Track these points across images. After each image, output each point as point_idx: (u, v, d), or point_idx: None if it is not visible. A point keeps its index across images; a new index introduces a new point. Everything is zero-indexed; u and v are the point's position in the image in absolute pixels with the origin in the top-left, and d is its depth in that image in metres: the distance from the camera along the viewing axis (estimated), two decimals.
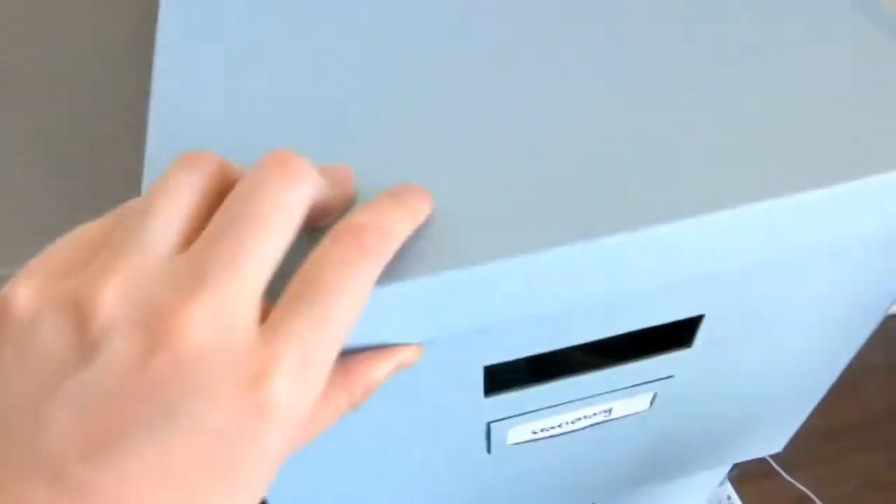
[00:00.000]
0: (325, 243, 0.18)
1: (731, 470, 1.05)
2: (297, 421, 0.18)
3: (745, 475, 1.13)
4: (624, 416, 0.34)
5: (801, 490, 1.14)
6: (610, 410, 0.33)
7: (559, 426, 0.33)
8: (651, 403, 0.33)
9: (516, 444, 0.33)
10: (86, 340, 0.17)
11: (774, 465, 1.16)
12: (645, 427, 0.36)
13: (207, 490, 0.17)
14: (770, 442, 0.44)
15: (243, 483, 0.17)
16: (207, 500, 0.17)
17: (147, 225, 0.18)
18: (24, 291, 0.17)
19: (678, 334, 0.30)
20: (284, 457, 0.18)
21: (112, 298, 0.17)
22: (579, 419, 0.33)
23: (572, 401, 0.31)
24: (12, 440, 0.16)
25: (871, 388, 1.25)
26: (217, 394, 0.16)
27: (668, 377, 0.32)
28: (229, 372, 0.17)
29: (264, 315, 0.18)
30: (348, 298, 0.18)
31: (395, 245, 0.20)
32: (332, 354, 0.18)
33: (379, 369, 0.23)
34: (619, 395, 0.32)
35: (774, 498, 1.13)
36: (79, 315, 0.17)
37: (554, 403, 0.31)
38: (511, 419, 0.31)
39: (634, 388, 0.32)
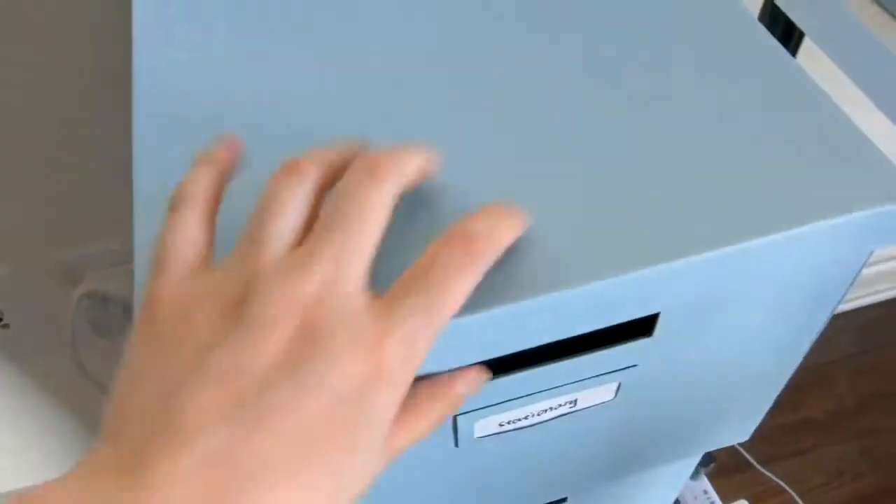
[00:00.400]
0: (442, 243, 0.22)
1: (707, 464, 1.07)
2: (402, 386, 0.21)
3: (721, 469, 1.15)
4: (590, 407, 0.34)
5: (776, 482, 1.15)
6: (575, 401, 0.33)
7: (525, 418, 0.33)
8: (616, 393, 0.34)
9: (484, 436, 0.34)
10: (226, 324, 0.20)
11: (749, 458, 1.17)
12: (612, 418, 0.37)
13: (334, 447, 0.19)
14: (737, 431, 0.45)
15: (363, 443, 0.20)
16: (333, 458, 0.19)
17: (269, 229, 0.22)
18: (170, 290, 0.21)
19: (639, 324, 0.30)
20: (391, 421, 0.21)
21: (247, 288, 0.20)
22: (545, 411, 0.33)
23: (538, 392, 0.32)
24: (161, 415, 0.19)
25: (843, 380, 1.27)
26: (338, 358, 0.20)
27: (631, 366, 0.32)
28: (348, 339, 0.20)
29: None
30: (453, 292, 0.21)
31: (497, 254, 0.23)
32: (433, 337, 0.21)
33: (463, 387, 0.26)
34: (584, 385, 0.32)
35: (750, 490, 1.15)
36: (224, 303, 0.20)
37: (519, 395, 0.31)
38: (477, 412, 0.31)
39: (599, 377, 0.32)
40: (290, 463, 0.19)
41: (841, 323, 1.32)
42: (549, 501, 0.49)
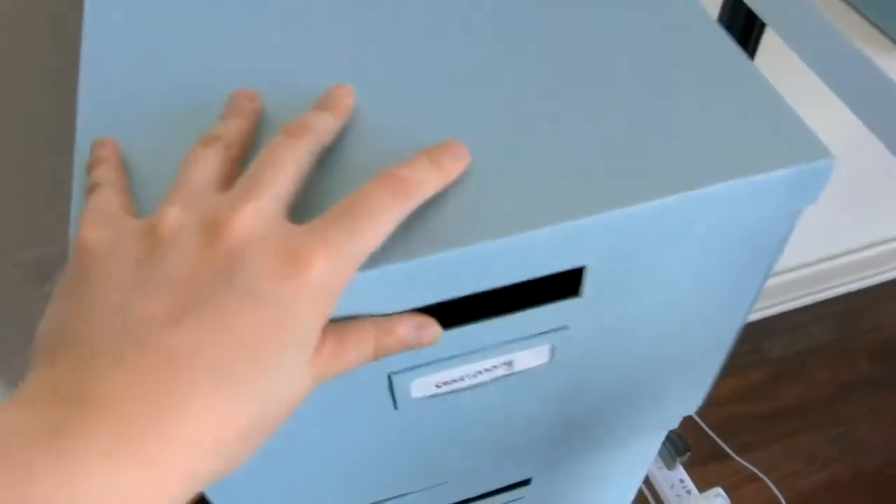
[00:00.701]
0: (370, 183, 0.24)
1: (683, 453, 1.08)
2: (326, 297, 0.23)
3: (697, 458, 1.16)
4: (526, 370, 0.35)
5: (752, 470, 1.16)
6: (511, 363, 0.34)
7: (461, 379, 0.34)
8: (551, 357, 0.35)
9: (422, 398, 0.34)
10: (159, 242, 0.23)
11: (725, 446, 1.19)
12: (551, 385, 0.37)
13: (263, 345, 0.21)
14: (686, 402, 0.46)
15: (289, 343, 0.22)
16: (262, 355, 0.21)
17: (187, 175, 0.25)
18: (95, 232, 0.24)
19: (567, 284, 0.31)
20: (318, 331, 0.23)
21: (175, 214, 0.23)
22: (480, 372, 0.34)
23: (471, 352, 0.32)
24: (114, 321, 0.21)
25: (816, 369, 1.28)
26: (264, 266, 0.22)
27: (562, 328, 0.33)
28: (274, 252, 0.22)
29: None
30: (375, 224, 0.24)
31: (422, 197, 0.25)
32: (355, 261, 0.24)
33: (406, 331, 0.27)
34: (517, 346, 0.33)
35: (726, 479, 1.16)
36: (147, 234, 0.23)
37: (452, 354, 0.32)
38: (411, 371, 0.32)
39: (531, 339, 0.33)
40: (223, 364, 0.21)
41: (816, 313, 1.34)
42: (513, 482, 0.49)
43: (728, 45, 0.34)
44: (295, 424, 0.33)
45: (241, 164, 0.27)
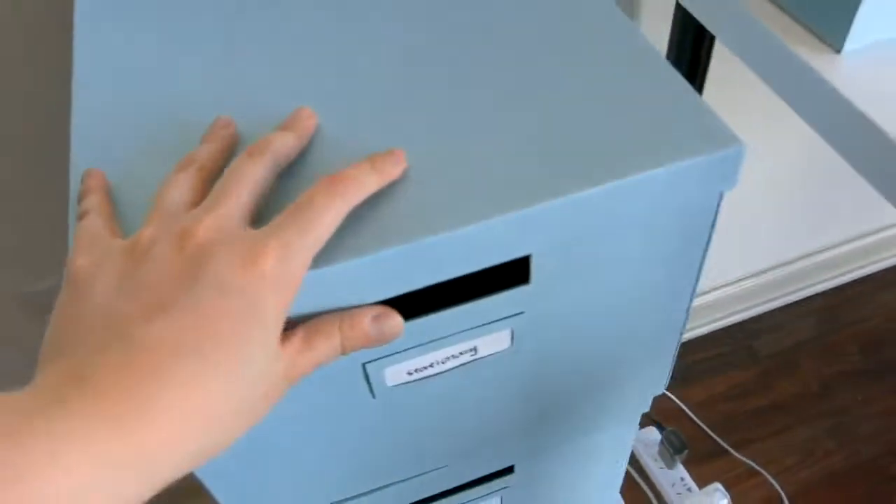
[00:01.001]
0: (316, 185, 0.28)
1: (681, 451, 1.10)
2: (285, 286, 0.26)
3: (696, 456, 1.18)
4: (490, 356, 0.39)
5: (750, 465, 1.19)
6: (475, 349, 0.38)
7: (431, 366, 0.38)
8: (512, 341, 0.38)
9: (397, 385, 0.38)
10: (137, 256, 0.27)
11: (722, 443, 1.21)
12: (516, 370, 0.41)
13: (233, 331, 0.25)
14: (649, 383, 0.49)
15: (256, 327, 0.26)
16: (233, 339, 0.25)
17: (163, 199, 0.29)
18: (83, 256, 0.28)
19: (517, 273, 0.35)
20: (282, 317, 0.27)
21: (151, 231, 0.27)
22: (448, 359, 0.38)
23: (436, 339, 0.36)
24: (99, 322, 0.25)
25: (806, 364, 1.31)
26: (227, 263, 0.26)
27: (519, 313, 0.37)
28: (235, 252, 0.26)
29: None
30: (322, 219, 0.27)
31: (363, 195, 0.30)
32: (309, 253, 0.27)
33: (368, 322, 0.31)
34: (479, 332, 0.37)
35: (726, 475, 1.18)
36: (128, 251, 0.27)
37: (418, 342, 0.36)
38: (383, 360, 0.36)
39: (491, 325, 0.37)
40: (198, 349, 0.24)
41: (801, 309, 1.37)
42: (496, 469, 0.53)
43: (644, 45, 0.38)
44: (284, 417, 0.37)
45: (213, 183, 0.31)
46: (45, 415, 0.22)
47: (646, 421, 1.08)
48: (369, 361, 0.35)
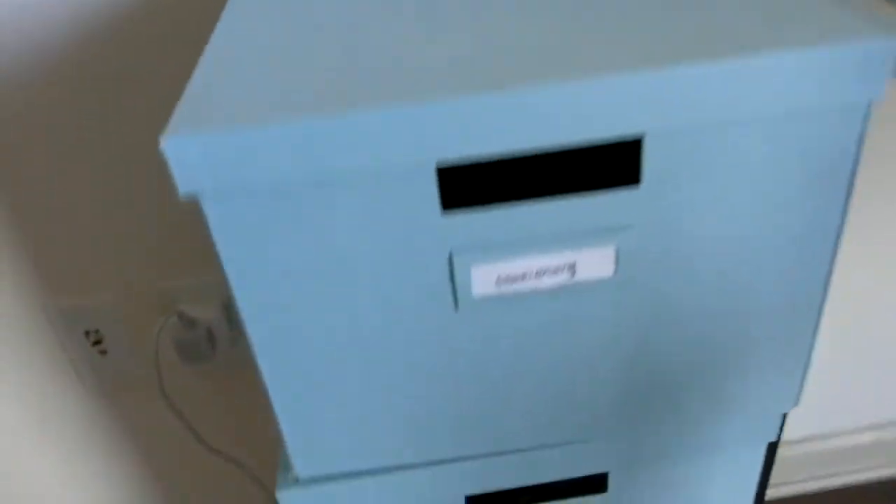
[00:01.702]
0: None
1: None
2: None
3: None
4: (592, 282, 0.35)
5: None
6: (573, 267, 0.34)
7: (523, 277, 0.34)
8: (616, 266, 0.35)
9: (483, 297, 0.35)
10: None
11: None
12: (619, 322, 0.37)
13: None
14: (779, 390, 0.42)
15: None
16: None
17: None
18: None
19: (624, 173, 0.32)
20: None
21: None
22: (543, 272, 0.34)
23: (531, 237, 0.33)
24: None
25: None
26: None
27: (626, 226, 0.33)
28: None
29: None
30: None
31: None
32: None
33: None
34: (579, 242, 0.34)
35: None
36: None
37: (512, 236, 0.33)
38: (473, 253, 0.33)
39: (593, 235, 0.33)
40: None
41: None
42: (585, 474, 0.46)
43: None
44: (362, 322, 0.35)
45: None
46: None
47: None
48: (458, 252, 0.33)
